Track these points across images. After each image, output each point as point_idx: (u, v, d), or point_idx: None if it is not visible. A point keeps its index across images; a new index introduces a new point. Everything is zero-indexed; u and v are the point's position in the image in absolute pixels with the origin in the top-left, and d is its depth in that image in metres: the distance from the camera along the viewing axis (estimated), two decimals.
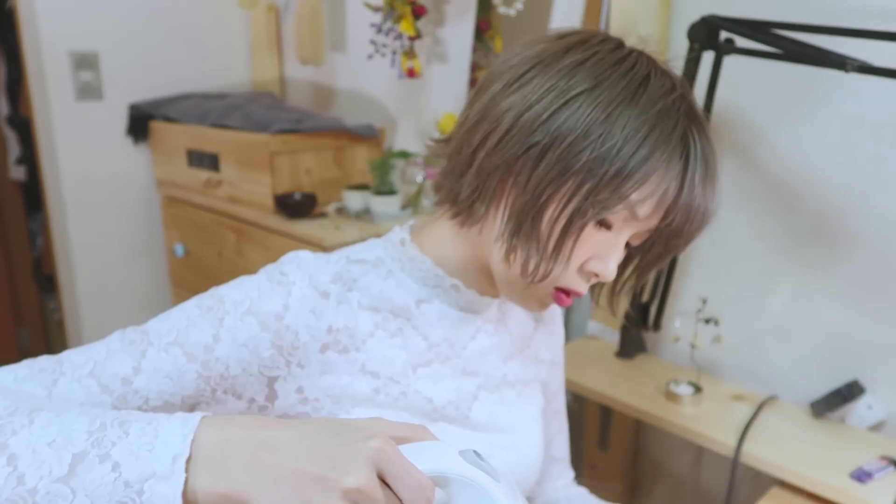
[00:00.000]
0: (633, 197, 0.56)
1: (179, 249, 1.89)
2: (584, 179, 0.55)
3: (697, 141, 0.57)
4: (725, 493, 1.09)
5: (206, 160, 1.73)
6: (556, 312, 0.83)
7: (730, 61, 1.16)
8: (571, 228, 0.57)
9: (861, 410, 1.12)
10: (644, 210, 0.57)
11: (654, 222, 0.60)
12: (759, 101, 1.16)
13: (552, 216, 0.57)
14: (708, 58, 1.10)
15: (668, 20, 1.24)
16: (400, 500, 0.39)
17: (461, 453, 0.42)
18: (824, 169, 1.10)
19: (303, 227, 1.51)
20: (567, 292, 0.62)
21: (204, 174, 1.74)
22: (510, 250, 0.59)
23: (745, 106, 1.18)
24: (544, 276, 0.59)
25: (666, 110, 0.56)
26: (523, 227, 0.58)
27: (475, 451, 0.42)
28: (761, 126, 1.17)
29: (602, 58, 0.57)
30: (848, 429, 1.12)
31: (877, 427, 1.12)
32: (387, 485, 0.39)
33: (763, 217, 1.19)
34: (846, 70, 0.86)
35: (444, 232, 0.66)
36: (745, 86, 1.17)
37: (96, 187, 1.92)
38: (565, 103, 0.55)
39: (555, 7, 1.41)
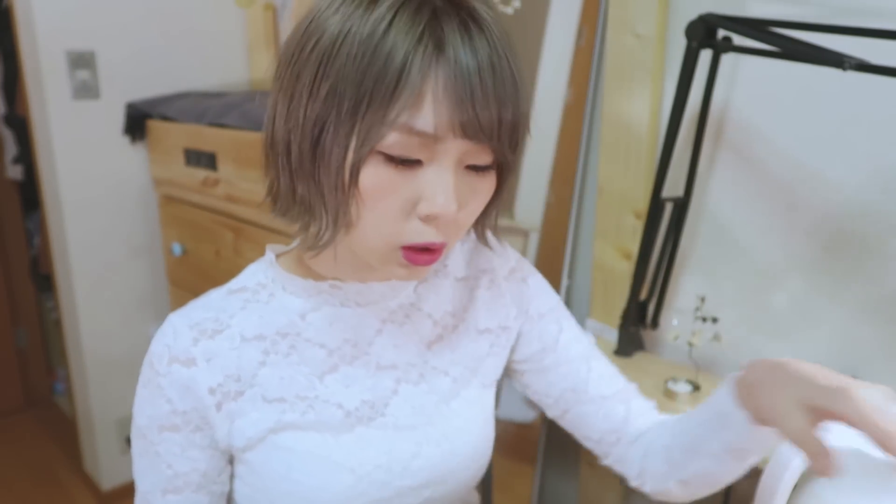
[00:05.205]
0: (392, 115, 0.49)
1: (177, 248, 1.89)
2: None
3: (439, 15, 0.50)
4: (723, 491, 1.09)
5: (203, 159, 1.73)
6: (501, 270, 0.75)
7: (727, 59, 1.16)
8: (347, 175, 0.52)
9: None
10: (420, 120, 0.50)
11: (443, 128, 0.50)
12: (756, 99, 1.16)
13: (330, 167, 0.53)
14: (706, 56, 1.10)
15: (665, 18, 1.25)
16: None
17: None
18: (822, 167, 1.11)
19: None
20: (418, 248, 0.55)
21: (201, 173, 1.74)
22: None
23: (742, 104, 1.18)
24: (330, 240, 0.55)
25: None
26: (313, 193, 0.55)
27: None
28: (759, 124, 1.17)
29: None
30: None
31: None
32: None
33: (761, 215, 1.19)
34: (844, 68, 0.86)
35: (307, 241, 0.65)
36: (743, 84, 1.17)
37: (93, 186, 1.91)
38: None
39: (552, 5, 1.41)
